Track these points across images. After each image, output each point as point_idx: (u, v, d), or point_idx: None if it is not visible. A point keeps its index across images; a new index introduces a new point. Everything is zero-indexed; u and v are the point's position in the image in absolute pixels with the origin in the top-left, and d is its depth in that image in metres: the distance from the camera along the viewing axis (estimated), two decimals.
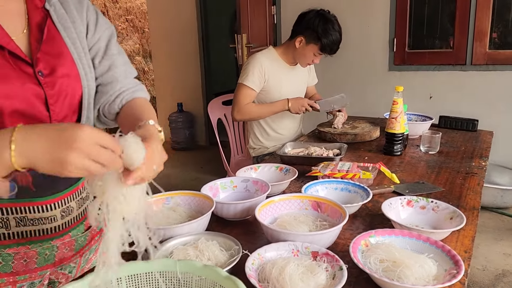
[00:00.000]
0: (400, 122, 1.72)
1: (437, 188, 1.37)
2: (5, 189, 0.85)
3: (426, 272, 0.84)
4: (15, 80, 0.81)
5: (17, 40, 0.83)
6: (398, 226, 1.04)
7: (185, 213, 1.13)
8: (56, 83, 0.87)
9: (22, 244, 0.90)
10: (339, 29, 2.11)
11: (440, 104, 3.30)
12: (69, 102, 0.90)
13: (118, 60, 1.00)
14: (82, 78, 0.92)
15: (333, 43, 2.10)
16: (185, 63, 4.93)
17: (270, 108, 2.20)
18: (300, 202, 1.14)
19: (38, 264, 0.93)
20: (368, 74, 3.59)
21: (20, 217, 0.88)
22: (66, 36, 0.91)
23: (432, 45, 3.45)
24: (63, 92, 0.88)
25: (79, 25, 0.94)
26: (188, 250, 0.92)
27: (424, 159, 1.71)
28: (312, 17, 2.10)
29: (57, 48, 0.89)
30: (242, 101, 2.19)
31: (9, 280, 0.90)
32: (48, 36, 0.88)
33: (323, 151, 1.74)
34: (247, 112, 2.20)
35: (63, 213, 0.94)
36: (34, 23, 0.87)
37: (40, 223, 0.91)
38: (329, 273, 0.84)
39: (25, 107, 0.82)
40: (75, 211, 0.98)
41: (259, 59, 2.20)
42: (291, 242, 0.92)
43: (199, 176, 4.11)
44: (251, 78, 2.17)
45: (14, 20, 0.84)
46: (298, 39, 2.15)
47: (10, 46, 0.80)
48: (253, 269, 0.85)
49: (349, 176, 1.37)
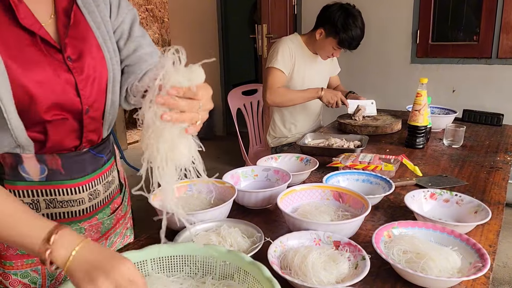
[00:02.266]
0: (424, 114, 1.69)
1: (460, 182, 1.35)
2: (36, 171, 0.87)
3: (451, 264, 0.83)
4: (47, 66, 0.82)
5: (46, 26, 0.84)
6: (421, 219, 1.02)
7: (207, 200, 1.14)
8: (84, 68, 0.88)
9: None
10: (361, 25, 2.06)
11: (463, 98, 3.23)
12: (97, 87, 0.91)
13: (143, 41, 1.01)
14: (108, 61, 0.93)
15: (352, 38, 2.06)
16: (204, 53, 4.94)
17: (303, 94, 2.15)
18: (321, 192, 1.14)
19: None
20: (390, 67, 3.54)
21: (50, 199, 0.90)
22: (91, 20, 0.92)
23: (456, 37, 3.37)
24: (91, 77, 0.89)
25: (103, 8, 0.94)
26: (210, 236, 0.93)
27: (447, 152, 1.68)
28: (334, 10, 2.06)
29: (83, 33, 0.90)
30: (274, 84, 2.14)
31: (38, 260, 0.92)
32: (75, 21, 0.89)
33: (343, 142, 1.73)
34: (280, 95, 2.14)
35: (91, 196, 0.96)
36: (61, 8, 0.88)
37: (69, 205, 0.93)
38: (351, 262, 0.84)
39: (58, 93, 0.83)
40: (102, 194, 1.00)
41: (286, 43, 2.18)
42: (313, 231, 0.92)
43: (216, 166, 4.13)
44: (280, 60, 2.14)
45: (41, 6, 0.85)
46: (319, 31, 2.13)
47: (41, 32, 0.81)
48: (275, 256, 0.85)
49: (370, 168, 1.36)
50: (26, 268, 0.92)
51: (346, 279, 0.80)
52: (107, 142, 1.03)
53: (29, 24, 0.80)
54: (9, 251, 0.90)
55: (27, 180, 0.87)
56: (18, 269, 0.91)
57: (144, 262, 0.74)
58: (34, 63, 0.80)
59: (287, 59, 2.16)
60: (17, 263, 0.91)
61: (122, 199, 1.11)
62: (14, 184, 0.87)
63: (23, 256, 0.91)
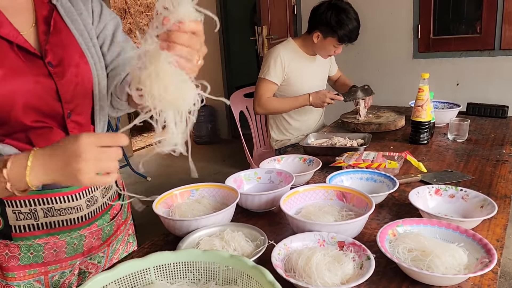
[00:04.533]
0: (426, 110, 1.68)
1: (466, 177, 1.34)
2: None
3: (457, 261, 0.82)
4: (26, 73, 0.84)
5: (27, 34, 0.86)
6: (426, 215, 1.01)
7: (210, 205, 1.14)
8: (65, 72, 0.89)
9: (51, 234, 0.93)
10: (355, 16, 2.06)
11: (467, 91, 3.21)
12: (80, 91, 0.93)
13: (127, 45, 1.03)
14: (92, 67, 0.95)
15: (351, 31, 2.05)
16: (206, 57, 4.91)
17: (292, 103, 2.19)
18: (325, 192, 1.13)
19: (68, 254, 0.96)
20: (392, 63, 3.52)
21: (48, 208, 0.91)
22: (74, 28, 0.94)
23: (458, 30, 3.34)
24: (73, 81, 0.91)
25: (85, 16, 0.97)
26: (214, 241, 0.93)
27: (452, 147, 1.67)
28: (324, 10, 2.05)
29: (65, 40, 0.92)
30: (263, 94, 2.19)
31: (40, 270, 0.93)
32: (55, 28, 0.91)
33: (347, 141, 1.72)
34: (268, 106, 2.20)
35: (88, 203, 0.97)
36: (41, 16, 0.90)
37: (67, 213, 0.93)
38: (356, 262, 0.83)
39: (37, 99, 0.85)
40: (100, 200, 1.00)
41: (278, 52, 2.19)
42: (317, 232, 0.91)
43: (221, 169, 4.13)
44: (272, 71, 2.16)
45: (23, 16, 0.88)
46: (315, 34, 2.12)
47: (18, 40, 0.83)
48: (279, 259, 0.85)
49: (374, 166, 1.35)
50: (29, 278, 0.93)
51: (351, 279, 0.79)
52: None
53: (5, 33, 0.82)
54: (10, 262, 0.91)
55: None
56: (21, 280, 0.92)
57: (147, 270, 0.74)
58: (12, 70, 0.82)
59: (279, 69, 2.17)
60: (19, 274, 0.92)
61: (121, 205, 1.12)
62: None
63: (25, 267, 0.92)
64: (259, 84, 2.21)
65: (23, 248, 0.91)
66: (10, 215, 0.89)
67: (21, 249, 0.91)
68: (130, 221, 1.16)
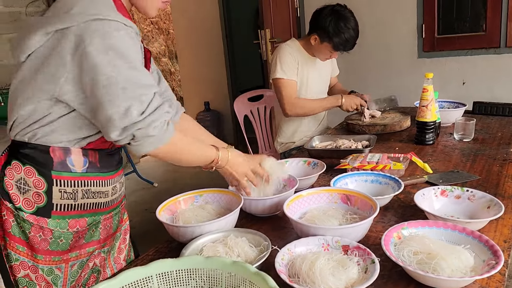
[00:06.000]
0: (431, 110, 1.66)
1: (472, 177, 1.32)
2: (80, 164, 0.97)
3: (463, 263, 0.81)
4: None
5: None
6: (432, 217, 1.00)
7: (214, 210, 1.14)
8: None
9: (82, 216, 1.00)
10: (354, 26, 2.03)
11: (474, 90, 3.17)
12: None
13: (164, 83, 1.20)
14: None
15: (346, 41, 2.03)
16: (210, 62, 4.96)
17: (323, 103, 2.16)
18: (329, 195, 1.13)
19: (86, 240, 1.02)
20: (397, 63, 3.49)
21: (86, 190, 0.99)
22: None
23: (463, 29, 3.31)
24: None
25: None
26: (217, 247, 0.93)
27: (458, 147, 1.65)
28: (325, 16, 2.03)
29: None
30: (289, 95, 2.12)
31: (63, 258, 0.99)
32: None
33: (351, 143, 1.71)
34: (300, 106, 2.13)
35: (112, 190, 1.06)
36: None
37: (98, 196, 1.02)
38: (360, 266, 0.83)
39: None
40: (118, 191, 1.09)
41: (286, 49, 2.17)
42: (321, 237, 0.91)
43: None
44: (286, 69, 2.13)
45: None
46: (313, 36, 2.11)
47: None
48: (283, 265, 0.84)
49: (379, 168, 1.34)
50: (52, 264, 0.98)
51: (355, 284, 0.79)
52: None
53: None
54: (41, 245, 0.95)
55: (72, 171, 0.96)
56: (46, 264, 0.97)
57: (150, 278, 0.73)
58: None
59: (292, 65, 2.15)
60: (46, 258, 0.97)
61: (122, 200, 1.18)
62: (61, 174, 0.95)
63: (52, 253, 0.97)
64: (279, 85, 2.14)
65: (56, 233, 0.96)
66: (56, 193, 0.95)
67: (54, 234, 0.96)
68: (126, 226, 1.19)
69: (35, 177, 0.94)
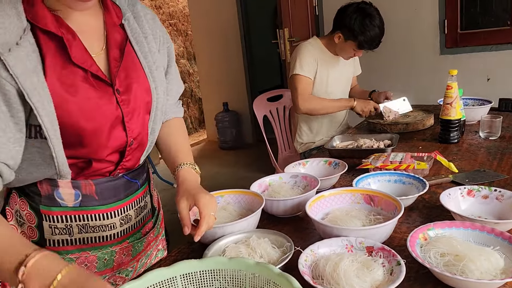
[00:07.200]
0: (456, 107, 1.62)
1: (500, 176, 1.28)
2: (71, 197, 0.89)
3: (493, 265, 0.79)
4: (97, 101, 0.83)
5: (96, 57, 0.85)
6: (458, 218, 0.98)
7: (236, 211, 1.13)
8: (130, 100, 0.88)
9: (83, 250, 0.94)
10: (379, 24, 2.01)
11: (499, 86, 3.09)
12: (141, 119, 0.92)
13: (174, 80, 1.05)
14: (152, 91, 0.93)
15: (371, 39, 2.01)
16: (228, 62, 4.98)
17: (335, 104, 2.16)
18: (351, 196, 1.11)
19: (98, 269, 0.96)
20: (419, 60, 3.43)
21: (83, 224, 0.91)
22: (139, 50, 0.92)
23: (487, 23, 3.23)
24: (136, 110, 0.90)
25: (150, 40, 0.94)
26: (240, 248, 0.92)
27: (484, 145, 1.61)
28: (350, 13, 2.02)
29: (131, 63, 0.90)
30: (304, 91, 2.14)
31: None
32: (125, 53, 0.89)
33: (373, 142, 1.69)
34: (312, 103, 2.13)
35: (122, 221, 0.97)
36: (114, 41, 0.88)
37: (101, 230, 0.94)
38: (386, 268, 0.81)
39: (105, 128, 0.85)
40: (133, 219, 1.00)
41: (307, 47, 2.17)
42: (344, 238, 0.90)
43: (247, 174, 4.13)
44: (305, 66, 2.13)
45: (93, 38, 0.86)
46: (337, 35, 2.10)
47: (93, 69, 0.83)
48: (306, 266, 0.83)
49: (402, 167, 1.32)
50: None
51: (381, 286, 0.77)
52: (143, 168, 1.03)
53: (81, 62, 0.81)
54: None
55: (62, 205, 0.88)
56: None
57: (174, 278, 0.74)
58: (86, 99, 0.81)
59: (311, 63, 2.14)
60: None
61: (154, 223, 1.10)
62: (50, 209, 0.89)
63: None
64: (295, 81, 2.15)
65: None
66: (46, 229, 0.89)
67: None
68: (162, 236, 1.15)
69: (27, 210, 0.89)
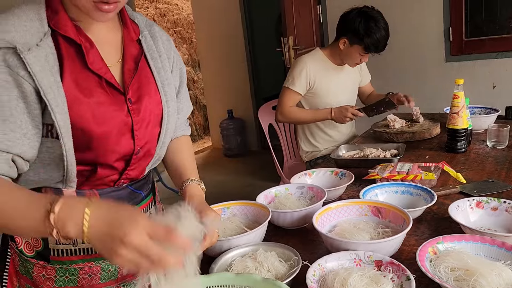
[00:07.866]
0: (463, 117, 1.61)
1: (508, 186, 1.27)
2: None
3: (505, 281, 0.77)
4: (108, 106, 0.86)
5: (112, 68, 0.89)
6: (468, 231, 0.96)
7: (242, 223, 1.13)
8: (141, 109, 0.91)
9: (87, 260, 0.94)
10: (384, 25, 2.01)
11: (506, 95, 3.07)
12: (150, 130, 0.94)
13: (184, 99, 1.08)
14: (163, 105, 0.96)
15: (378, 41, 2.01)
16: (233, 69, 4.99)
17: (313, 115, 2.19)
18: (358, 208, 1.10)
19: (102, 280, 0.96)
20: (424, 67, 3.42)
21: None
22: (153, 65, 0.96)
23: (492, 31, 3.22)
24: (146, 119, 0.92)
25: (164, 59, 0.99)
26: (247, 261, 0.92)
27: (491, 155, 1.59)
28: (354, 17, 2.02)
29: (144, 77, 0.94)
30: (285, 103, 2.21)
31: None
32: (140, 67, 0.94)
33: (379, 152, 1.68)
34: (290, 115, 2.22)
35: None
36: (129, 54, 0.93)
37: None
38: (395, 283, 0.80)
39: (114, 133, 0.87)
40: None
41: (305, 62, 2.17)
42: (352, 252, 0.88)
43: (253, 182, 4.12)
44: (296, 81, 2.16)
45: (110, 51, 0.90)
46: (342, 40, 2.10)
47: (107, 76, 0.86)
48: (314, 281, 0.82)
49: (409, 178, 1.30)
50: None
51: None
52: (147, 179, 1.04)
53: (97, 68, 0.85)
54: (46, 284, 0.92)
55: None
56: None
57: None
58: (99, 103, 0.85)
59: (303, 80, 2.16)
60: None
61: None
62: None
63: None
64: (283, 93, 2.23)
65: (59, 271, 0.93)
66: (51, 238, 0.88)
67: (57, 272, 0.93)
68: None
69: None
